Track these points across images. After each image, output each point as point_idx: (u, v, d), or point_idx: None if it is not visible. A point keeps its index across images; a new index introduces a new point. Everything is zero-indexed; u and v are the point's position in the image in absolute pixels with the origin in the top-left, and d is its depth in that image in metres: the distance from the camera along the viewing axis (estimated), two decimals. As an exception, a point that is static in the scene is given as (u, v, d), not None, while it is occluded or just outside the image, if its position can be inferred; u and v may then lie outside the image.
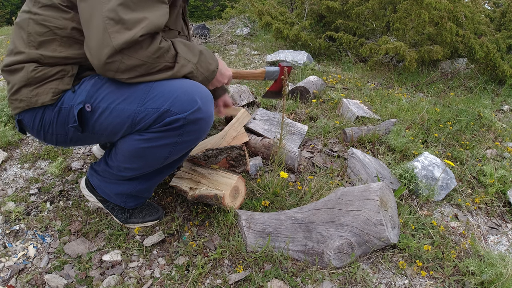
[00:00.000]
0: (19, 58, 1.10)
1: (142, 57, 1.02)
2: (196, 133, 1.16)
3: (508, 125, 2.84)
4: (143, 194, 1.42)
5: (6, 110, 2.27)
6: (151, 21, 1.01)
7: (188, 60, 1.14)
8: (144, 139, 1.13)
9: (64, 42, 1.10)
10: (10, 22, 11.18)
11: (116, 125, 1.12)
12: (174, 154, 1.21)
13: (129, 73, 1.05)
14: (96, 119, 1.12)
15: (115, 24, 0.97)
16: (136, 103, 1.09)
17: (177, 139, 1.14)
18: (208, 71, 1.21)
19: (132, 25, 0.98)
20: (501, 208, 1.80)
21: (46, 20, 1.08)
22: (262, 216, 1.42)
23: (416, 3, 3.61)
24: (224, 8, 10.11)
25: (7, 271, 1.29)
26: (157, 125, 1.10)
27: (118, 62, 1.00)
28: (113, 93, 1.10)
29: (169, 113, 1.08)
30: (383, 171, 1.82)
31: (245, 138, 2.00)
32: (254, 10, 4.82)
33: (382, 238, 1.27)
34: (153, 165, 1.25)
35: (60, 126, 1.16)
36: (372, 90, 3.30)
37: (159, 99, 1.08)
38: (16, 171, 1.85)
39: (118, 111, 1.10)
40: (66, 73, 1.13)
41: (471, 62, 4.10)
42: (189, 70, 1.14)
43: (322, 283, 1.24)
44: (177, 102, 1.08)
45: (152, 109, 1.09)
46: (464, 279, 1.31)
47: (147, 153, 1.17)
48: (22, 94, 1.11)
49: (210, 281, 1.25)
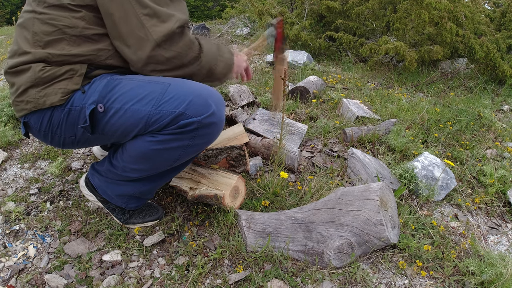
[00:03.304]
0: (25, 59, 1.08)
1: (178, 48, 1.06)
2: (207, 137, 1.17)
3: (508, 125, 2.84)
4: (145, 196, 1.41)
5: (6, 110, 2.27)
6: (178, 16, 1.05)
7: (210, 50, 1.17)
8: (156, 140, 1.13)
9: (73, 41, 1.09)
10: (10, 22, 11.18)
11: (128, 126, 1.11)
12: (183, 157, 1.21)
13: (167, 65, 1.08)
14: (108, 119, 1.11)
15: (151, 19, 1.00)
16: (151, 105, 1.08)
17: (189, 142, 1.14)
18: (229, 60, 1.26)
19: (166, 18, 1.02)
20: (501, 208, 1.80)
21: (54, 19, 1.07)
22: (262, 216, 1.42)
23: (416, 3, 3.61)
24: (224, 8, 10.10)
25: (7, 271, 1.29)
26: (171, 127, 1.10)
27: (158, 56, 1.04)
28: (127, 94, 1.10)
29: (184, 116, 1.08)
30: (383, 171, 1.82)
31: (245, 138, 2.00)
32: (254, 10, 4.82)
33: (382, 238, 1.27)
34: (161, 167, 1.25)
35: (69, 127, 1.14)
36: (372, 90, 3.30)
37: (174, 101, 1.08)
38: (16, 171, 1.85)
39: (132, 112, 1.09)
40: (75, 72, 1.11)
41: (471, 62, 4.10)
42: (213, 62, 1.18)
43: (322, 283, 1.24)
44: (192, 105, 1.08)
45: (167, 112, 1.08)
46: (464, 279, 1.31)
47: (157, 155, 1.17)
48: (29, 95, 1.09)
49: (210, 281, 1.25)
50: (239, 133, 2.01)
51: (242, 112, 2.36)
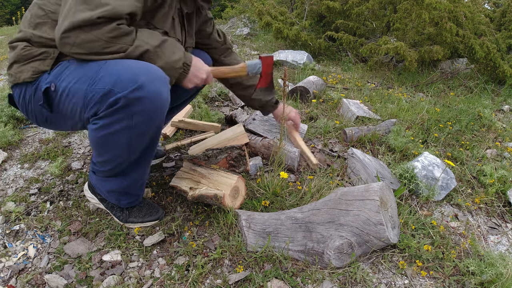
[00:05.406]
0: (18, 36, 1.22)
1: (97, 34, 1.06)
2: (144, 114, 1.11)
3: (508, 125, 2.84)
4: (132, 191, 1.41)
5: (6, 110, 2.27)
6: (113, 7, 1.05)
7: (146, 42, 1.13)
8: (98, 127, 1.14)
9: (53, 25, 1.18)
10: (10, 22, 11.18)
11: (73, 105, 1.15)
12: (135, 140, 1.17)
13: (83, 49, 1.07)
14: (59, 99, 1.17)
15: (81, 4, 1.04)
16: (87, 83, 1.10)
17: (126, 122, 1.11)
18: (171, 59, 1.18)
19: (95, 7, 1.04)
20: (501, 208, 1.80)
21: (44, 5, 1.19)
22: (262, 216, 1.42)
23: (416, 3, 3.61)
24: (224, 8, 10.10)
25: (7, 271, 1.29)
26: (103, 108, 1.09)
27: (74, 37, 1.05)
28: (72, 73, 1.14)
29: (111, 93, 1.06)
30: (383, 171, 1.82)
31: (245, 139, 2.00)
32: (254, 10, 4.82)
33: (382, 238, 1.27)
34: (121, 153, 1.22)
35: (36, 105, 1.22)
36: (372, 90, 3.30)
37: (105, 78, 1.07)
38: (16, 171, 1.85)
39: (73, 91, 1.13)
40: (48, 55, 1.19)
41: (471, 62, 4.10)
42: (144, 50, 1.12)
43: (322, 283, 1.24)
44: (119, 81, 1.06)
45: (98, 89, 1.08)
46: (464, 279, 1.31)
47: (107, 142, 1.18)
48: (12, 69, 1.22)
49: (210, 281, 1.25)
50: (239, 133, 2.01)
51: (242, 112, 2.36)
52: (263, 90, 1.71)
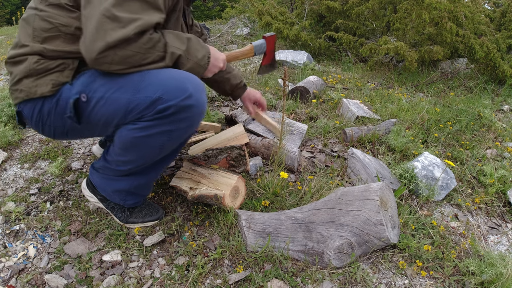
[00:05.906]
0: (23, 51, 1.15)
1: (134, 48, 1.06)
2: (188, 121, 1.18)
3: (508, 125, 2.84)
4: (141, 191, 1.42)
5: (6, 110, 2.27)
6: (145, 20, 1.05)
7: (177, 48, 1.17)
8: (138, 128, 1.15)
9: (68, 38, 1.15)
10: (10, 22, 11.18)
11: (110, 114, 1.15)
12: (168, 144, 1.23)
13: (123, 64, 1.08)
14: (91, 109, 1.15)
15: (111, 22, 1.01)
16: (130, 92, 1.11)
17: (170, 127, 1.16)
18: (197, 58, 1.24)
19: (126, 24, 1.02)
20: (501, 208, 1.80)
21: (51, 17, 1.13)
22: (262, 216, 1.42)
23: (416, 3, 3.61)
24: (224, 8, 10.11)
25: (7, 271, 1.29)
26: (150, 113, 1.12)
27: (111, 56, 1.04)
28: (107, 83, 1.13)
29: (161, 100, 1.10)
30: (383, 171, 1.82)
31: (245, 139, 2.00)
32: (254, 10, 4.82)
33: (382, 238, 1.27)
34: (149, 156, 1.26)
35: (57, 118, 1.19)
36: (372, 90, 3.29)
37: (151, 87, 1.11)
38: (16, 171, 1.85)
39: (112, 100, 1.13)
40: (67, 66, 1.17)
41: (471, 62, 4.10)
42: (177, 55, 1.17)
43: (322, 283, 1.24)
44: (168, 89, 1.11)
45: (144, 97, 1.11)
46: (464, 279, 1.31)
47: (142, 143, 1.19)
48: (23, 85, 1.16)
49: (210, 281, 1.25)
50: (239, 133, 2.01)
51: (242, 112, 2.36)
52: (268, 66, 1.81)
